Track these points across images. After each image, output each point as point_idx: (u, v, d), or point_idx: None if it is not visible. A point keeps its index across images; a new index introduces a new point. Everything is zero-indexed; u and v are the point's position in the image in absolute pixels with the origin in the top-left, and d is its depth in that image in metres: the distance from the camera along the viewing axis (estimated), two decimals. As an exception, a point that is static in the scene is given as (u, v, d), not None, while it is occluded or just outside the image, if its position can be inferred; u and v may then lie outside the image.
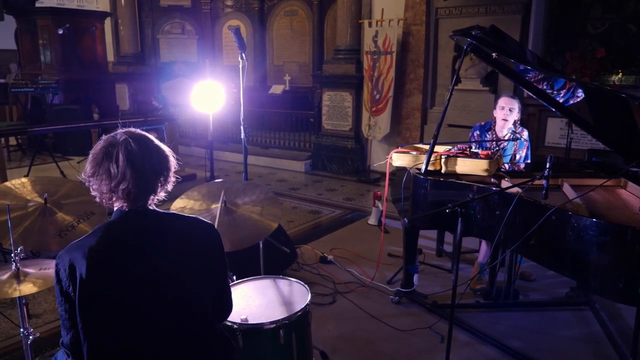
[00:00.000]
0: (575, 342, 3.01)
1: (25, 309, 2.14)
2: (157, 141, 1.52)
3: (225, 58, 10.71)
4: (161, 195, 1.54)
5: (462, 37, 2.94)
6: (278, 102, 9.27)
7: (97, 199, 1.48)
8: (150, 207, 1.52)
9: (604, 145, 2.99)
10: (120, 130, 1.49)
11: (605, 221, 2.22)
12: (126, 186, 1.41)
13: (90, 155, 1.46)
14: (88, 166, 1.46)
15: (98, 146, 1.46)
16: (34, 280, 2.04)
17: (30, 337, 2.15)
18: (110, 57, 10.69)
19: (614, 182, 2.85)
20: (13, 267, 2.06)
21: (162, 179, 1.51)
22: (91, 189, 1.47)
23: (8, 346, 2.96)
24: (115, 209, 1.50)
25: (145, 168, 1.44)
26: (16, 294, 1.96)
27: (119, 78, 10.19)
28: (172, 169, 1.54)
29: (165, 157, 1.52)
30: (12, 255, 2.04)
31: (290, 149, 8.52)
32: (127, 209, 1.47)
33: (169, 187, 1.55)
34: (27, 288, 1.99)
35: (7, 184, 2.39)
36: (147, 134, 1.52)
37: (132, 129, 1.51)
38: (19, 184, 2.39)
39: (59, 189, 2.43)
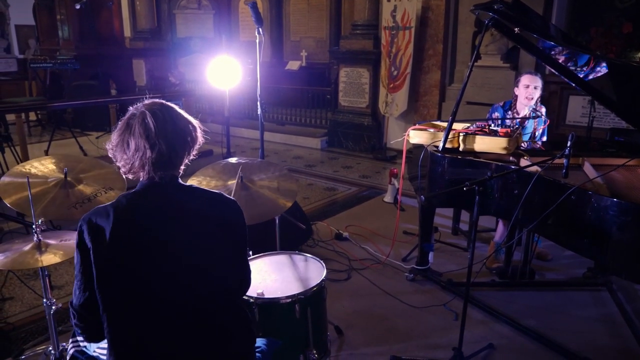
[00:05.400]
0: (591, 322, 3.00)
1: (47, 280, 2.20)
2: (179, 109, 1.53)
3: (242, 33, 10.62)
4: (187, 161, 1.56)
5: (484, 12, 2.87)
6: (294, 78, 9.19)
7: (123, 170, 1.49)
8: (177, 176, 1.53)
9: (628, 123, 2.92)
10: (143, 102, 1.50)
11: (626, 201, 2.18)
12: (150, 154, 1.43)
13: (116, 128, 1.49)
14: (114, 137, 1.48)
15: (124, 118, 1.48)
16: (55, 251, 2.08)
17: (53, 307, 2.21)
18: (127, 32, 10.68)
19: (636, 162, 2.79)
20: (35, 238, 2.11)
21: (187, 147, 1.52)
22: (116, 160, 1.49)
23: (32, 316, 3.05)
24: (141, 179, 1.51)
25: (168, 135, 1.45)
26: (38, 265, 2.01)
27: (135, 54, 10.19)
28: (198, 138, 1.55)
29: (186, 124, 1.52)
30: (34, 227, 2.09)
31: (306, 125, 8.49)
32: (153, 179, 1.48)
33: (193, 153, 1.56)
34: (49, 259, 2.04)
35: (27, 166, 2.41)
36: (169, 103, 1.52)
37: (155, 100, 1.52)
38: (39, 163, 2.42)
39: (77, 164, 2.46)
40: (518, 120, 3.53)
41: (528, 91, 3.44)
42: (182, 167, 1.56)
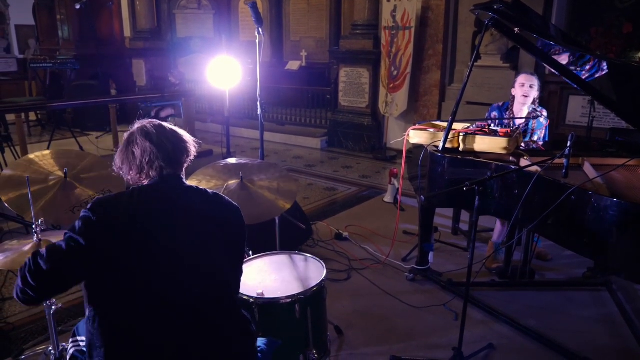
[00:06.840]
0: (591, 322, 2.99)
1: (47, 280, 2.19)
2: (170, 125, 1.67)
3: (242, 33, 10.62)
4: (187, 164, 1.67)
5: (484, 12, 2.86)
6: (294, 78, 9.19)
7: (133, 176, 1.60)
8: (182, 177, 1.62)
9: (628, 123, 2.92)
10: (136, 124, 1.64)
11: (626, 201, 2.18)
12: (150, 159, 1.53)
13: (117, 151, 1.63)
14: (117, 159, 1.61)
15: (123, 141, 1.62)
16: (55, 252, 2.08)
17: (53, 307, 2.21)
18: (127, 32, 10.67)
19: (636, 162, 2.79)
20: (35, 238, 2.10)
21: (184, 151, 1.62)
22: (125, 174, 1.61)
23: (32, 316, 3.05)
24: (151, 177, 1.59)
25: (165, 141, 1.57)
26: (38, 266, 2.00)
27: (135, 54, 10.19)
28: (191, 151, 1.66)
29: (180, 134, 1.64)
30: (34, 227, 2.09)
31: (306, 125, 8.49)
32: (162, 173, 1.57)
33: (192, 156, 1.67)
34: (49, 260, 2.03)
35: (31, 156, 2.43)
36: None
37: (147, 120, 1.66)
38: (42, 156, 2.43)
39: (79, 162, 2.46)
40: (517, 121, 3.53)
41: (524, 89, 3.44)
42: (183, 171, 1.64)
